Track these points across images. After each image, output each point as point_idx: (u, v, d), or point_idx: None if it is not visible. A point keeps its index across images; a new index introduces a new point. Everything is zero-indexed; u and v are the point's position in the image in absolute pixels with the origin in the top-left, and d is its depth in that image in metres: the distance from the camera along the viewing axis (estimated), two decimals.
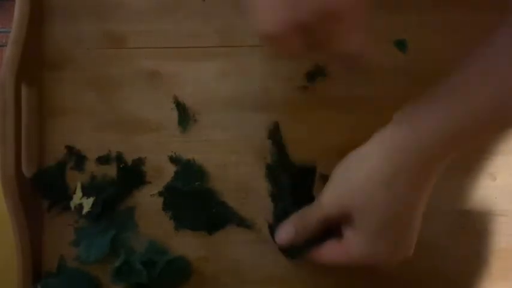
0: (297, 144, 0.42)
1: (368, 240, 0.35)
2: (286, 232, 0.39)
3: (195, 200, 0.42)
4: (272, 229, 0.41)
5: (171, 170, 0.43)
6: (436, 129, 0.33)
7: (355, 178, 0.35)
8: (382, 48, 0.42)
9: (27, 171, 0.42)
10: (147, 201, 0.43)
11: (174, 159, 0.43)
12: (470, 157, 0.42)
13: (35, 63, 0.43)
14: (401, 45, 0.42)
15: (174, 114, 0.43)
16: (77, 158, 0.43)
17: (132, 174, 0.43)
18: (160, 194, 0.43)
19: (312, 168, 0.42)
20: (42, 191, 0.43)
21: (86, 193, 0.43)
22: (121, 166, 0.43)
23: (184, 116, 0.43)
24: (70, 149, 0.43)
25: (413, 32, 0.42)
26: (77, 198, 0.43)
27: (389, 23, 0.42)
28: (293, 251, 0.40)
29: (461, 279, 0.42)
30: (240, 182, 0.43)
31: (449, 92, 0.34)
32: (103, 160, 0.43)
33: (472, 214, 0.42)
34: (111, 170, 0.43)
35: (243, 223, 0.42)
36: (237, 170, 0.43)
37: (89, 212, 0.42)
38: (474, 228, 0.42)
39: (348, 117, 0.42)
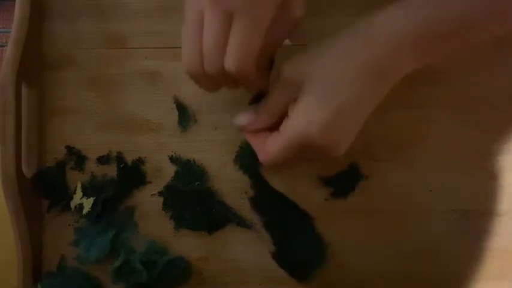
0: None
1: (304, 112, 0.34)
2: (246, 114, 0.38)
3: (195, 200, 0.42)
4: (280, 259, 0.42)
5: (171, 170, 0.43)
6: (424, 18, 0.32)
7: (315, 51, 0.35)
8: None
9: (27, 171, 0.42)
10: (147, 201, 0.43)
11: (174, 159, 0.43)
12: (470, 157, 0.42)
13: (35, 63, 0.43)
14: None
15: (174, 114, 0.43)
16: (77, 158, 0.43)
17: (132, 174, 0.43)
18: (160, 194, 0.43)
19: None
20: (42, 191, 0.43)
21: (86, 193, 0.43)
22: (121, 166, 0.43)
23: (184, 116, 0.43)
24: (70, 149, 0.43)
25: None
26: (77, 198, 0.43)
27: None
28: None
29: (461, 279, 0.42)
30: (240, 182, 0.43)
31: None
32: (103, 160, 0.43)
33: (472, 214, 0.42)
34: (111, 170, 0.43)
35: (243, 223, 0.42)
36: (237, 170, 0.43)
37: (89, 212, 0.42)
38: (474, 228, 0.42)
39: None
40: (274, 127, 0.37)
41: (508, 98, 0.41)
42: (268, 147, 0.36)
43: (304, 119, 0.34)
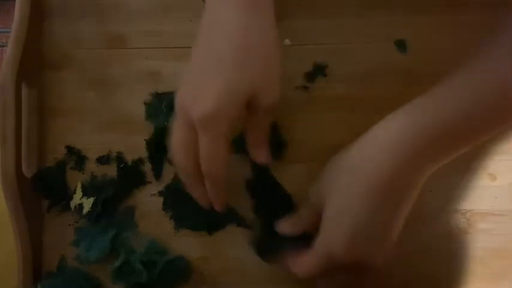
0: (296, 144, 0.42)
1: (326, 230, 0.35)
2: (287, 221, 0.40)
3: (195, 200, 0.42)
4: (257, 245, 0.42)
5: (171, 170, 0.43)
6: (425, 127, 0.32)
7: (332, 168, 0.37)
8: (382, 48, 0.42)
9: (27, 171, 0.42)
10: (147, 201, 0.43)
11: (172, 162, 0.43)
12: (470, 157, 0.42)
13: (35, 63, 0.43)
14: (401, 45, 0.42)
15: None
16: (77, 158, 0.43)
17: (132, 174, 0.43)
18: (160, 194, 0.43)
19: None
20: (42, 191, 0.43)
21: (86, 193, 0.43)
22: (121, 166, 0.43)
23: None
24: (70, 149, 0.43)
25: (413, 32, 0.42)
26: (77, 198, 0.43)
27: (389, 23, 0.42)
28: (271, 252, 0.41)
29: (461, 279, 0.42)
30: (240, 183, 0.43)
31: (441, 91, 0.34)
32: (103, 160, 0.43)
33: (472, 214, 0.42)
34: (111, 170, 0.43)
35: (243, 223, 0.42)
36: (237, 170, 0.43)
37: (89, 212, 0.42)
38: (474, 228, 0.42)
39: (348, 117, 0.42)
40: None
41: None
42: (304, 263, 0.37)
43: (326, 237, 0.36)
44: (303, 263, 0.37)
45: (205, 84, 0.34)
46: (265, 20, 0.34)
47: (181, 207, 0.43)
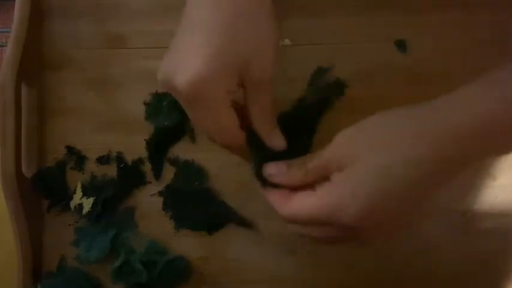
0: None
1: (353, 182, 0.31)
2: (277, 166, 0.35)
3: (195, 200, 0.42)
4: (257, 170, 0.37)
5: (171, 170, 0.43)
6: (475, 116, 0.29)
7: (375, 129, 0.32)
8: (382, 48, 0.42)
9: (27, 171, 0.42)
10: (147, 201, 0.43)
11: (173, 161, 0.43)
12: None
13: (35, 63, 0.43)
14: (401, 45, 0.42)
15: None
16: (77, 158, 0.43)
17: (132, 174, 0.43)
18: (160, 194, 0.43)
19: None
20: (42, 191, 0.43)
21: (86, 193, 0.43)
22: (121, 166, 0.43)
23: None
24: (70, 149, 0.43)
25: (413, 32, 0.42)
26: (77, 198, 0.43)
27: (389, 23, 0.42)
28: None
29: (461, 279, 0.42)
30: (240, 182, 0.43)
31: (491, 81, 0.30)
32: (103, 160, 0.43)
33: (472, 214, 0.42)
34: (111, 170, 0.43)
35: (243, 223, 0.42)
36: (237, 170, 0.43)
37: (89, 212, 0.42)
38: (474, 228, 0.42)
39: (348, 117, 0.42)
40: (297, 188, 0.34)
41: None
42: (296, 204, 0.33)
43: (348, 188, 0.31)
44: (301, 202, 0.32)
45: (190, 52, 0.30)
46: None
47: (181, 207, 0.43)
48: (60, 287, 0.41)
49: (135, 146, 0.43)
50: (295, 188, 0.34)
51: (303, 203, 0.32)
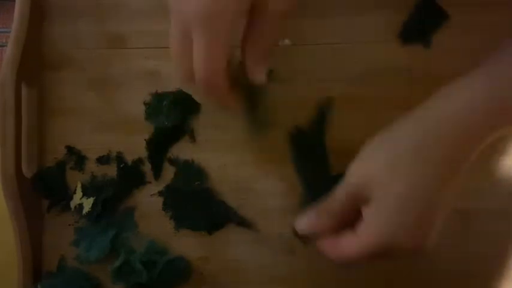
0: None
1: (385, 218, 0.32)
2: (308, 217, 0.36)
3: (195, 200, 0.42)
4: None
5: (171, 170, 0.43)
6: (475, 100, 0.30)
7: (384, 149, 0.33)
8: (382, 48, 0.42)
9: (27, 171, 0.42)
10: (147, 201, 0.43)
11: (172, 161, 0.43)
12: None
13: (35, 63, 0.43)
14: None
15: None
16: (77, 158, 0.43)
17: (132, 174, 0.43)
18: (160, 194, 0.43)
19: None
20: (42, 191, 0.43)
21: (86, 193, 0.43)
22: (121, 166, 0.43)
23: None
24: (70, 149, 0.43)
25: None
26: (77, 198, 0.43)
27: (389, 23, 0.42)
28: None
29: (461, 279, 0.42)
30: (240, 182, 0.43)
31: (494, 63, 0.31)
32: (103, 160, 0.43)
33: (472, 214, 0.42)
34: (111, 170, 0.43)
35: (243, 223, 0.42)
36: (237, 170, 0.43)
37: (89, 212, 0.42)
38: (474, 228, 0.42)
39: (348, 117, 0.42)
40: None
41: None
42: (345, 249, 0.33)
43: (387, 225, 0.32)
44: (349, 248, 0.33)
45: None
46: None
47: (181, 207, 0.43)
48: (60, 287, 0.41)
49: (135, 146, 0.43)
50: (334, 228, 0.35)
51: (352, 247, 0.33)
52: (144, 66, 0.43)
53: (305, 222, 0.36)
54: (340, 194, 0.34)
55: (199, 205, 0.42)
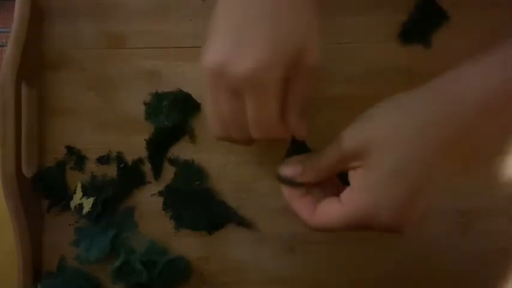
0: None
1: (373, 188, 0.30)
2: (292, 166, 0.35)
3: (195, 200, 0.42)
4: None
5: (171, 170, 0.43)
6: (485, 81, 0.28)
7: (385, 114, 0.31)
8: (382, 48, 0.42)
9: (27, 171, 0.42)
10: (147, 201, 0.43)
11: (173, 162, 0.43)
12: None
13: (35, 63, 0.43)
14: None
15: None
16: (76, 158, 0.43)
17: (132, 174, 0.43)
18: (160, 194, 0.43)
19: None
20: (42, 191, 0.43)
21: (86, 193, 0.43)
22: (121, 166, 0.43)
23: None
24: (70, 149, 0.43)
25: None
26: (77, 198, 0.43)
27: (389, 23, 0.42)
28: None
29: (461, 279, 0.42)
30: (240, 182, 0.43)
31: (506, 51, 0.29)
32: (103, 160, 0.43)
33: (472, 214, 0.42)
34: (111, 170, 0.43)
35: (243, 223, 0.42)
36: (237, 170, 0.43)
37: (89, 212, 0.42)
38: (474, 228, 0.42)
39: (348, 117, 0.42)
40: (314, 185, 0.34)
41: None
42: (323, 215, 0.33)
43: (372, 194, 0.30)
44: (328, 214, 0.32)
45: (250, 34, 0.29)
46: None
47: (181, 207, 0.43)
48: (60, 287, 0.41)
49: (135, 146, 0.43)
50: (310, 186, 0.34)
51: (330, 214, 0.32)
52: (144, 66, 0.43)
53: (290, 168, 0.35)
54: (332, 154, 0.33)
55: (199, 205, 0.42)
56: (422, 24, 0.42)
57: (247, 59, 0.29)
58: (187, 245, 0.43)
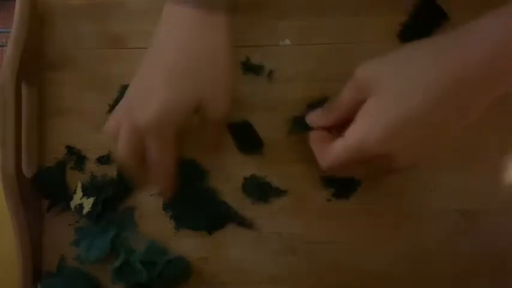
0: (295, 144, 0.42)
1: (372, 112, 0.32)
2: (317, 111, 0.38)
3: (195, 200, 0.42)
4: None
5: None
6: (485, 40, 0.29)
7: (400, 52, 0.32)
8: (382, 48, 0.42)
9: (27, 171, 0.42)
10: (147, 201, 0.43)
11: None
12: (470, 157, 0.42)
13: (35, 63, 0.43)
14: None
15: None
16: (77, 158, 0.43)
17: None
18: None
19: None
20: (42, 191, 0.43)
21: (86, 193, 0.43)
22: (121, 166, 0.43)
23: None
24: (70, 148, 0.43)
25: None
26: (78, 198, 0.43)
27: (389, 23, 0.42)
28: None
29: (461, 279, 0.42)
30: (240, 182, 0.43)
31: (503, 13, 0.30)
32: (103, 160, 0.43)
33: (472, 214, 0.42)
34: (111, 170, 0.43)
35: (243, 223, 0.42)
36: (237, 170, 0.43)
37: (89, 212, 0.42)
38: (474, 228, 0.42)
39: None
40: (340, 129, 0.35)
41: (509, 97, 0.41)
42: (329, 153, 0.35)
43: (366, 123, 0.32)
44: (332, 151, 0.34)
45: (151, 91, 0.35)
46: (219, 37, 0.35)
47: (181, 207, 0.43)
48: (60, 287, 0.41)
49: None
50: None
51: (335, 148, 0.34)
52: None
53: (315, 114, 0.38)
54: (346, 88, 0.35)
55: (199, 205, 0.42)
56: (422, 24, 0.42)
57: (143, 112, 0.34)
58: (187, 245, 0.43)
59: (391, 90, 0.31)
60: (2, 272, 0.44)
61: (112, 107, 0.43)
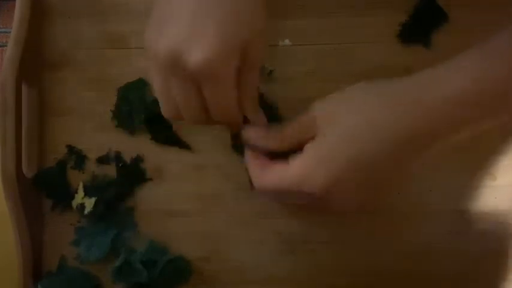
0: None
1: (320, 151, 0.31)
2: (256, 130, 0.36)
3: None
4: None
5: (171, 169, 0.43)
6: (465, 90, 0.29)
7: (350, 94, 0.33)
8: (382, 48, 0.42)
9: (27, 171, 0.42)
10: (147, 201, 0.43)
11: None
12: (470, 157, 0.42)
13: (35, 63, 0.43)
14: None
15: None
16: (77, 157, 0.43)
17: (132, 172, 0.43)
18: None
19: None
20: (43, 191, 0.43)
21: (87, 193, 0.43)
22: (120, 165, 0.43)
23: None
24: (70, 148, 0.43)
25: None
26: (79, 198, 0.43)
27: (389, 23, 0.42)
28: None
29: (461, 279, 0.42)
30: (240, 182, 0.43)
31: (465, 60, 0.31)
32: (103, 160, 0.43)
33: (472, 214, 0.42)
34: (112, 170, 0.43)
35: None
36: (237, 169, 0.43)
37: (90, 211, 0.42)
38: (474, 228, 0.42)
39: None
40: (274, 156, 0.35)
41: None
42: (270, 173, 0.34)
43: (316, 160, 0.32)
44: (270, 177, 0.34)
45: (204, 25, 0.30)
46: None
47: None
48: (60, 286, 0.41)
49: (135, 146, 0.43)
50: (273, 157, 0.35)
51: (274, 172, 0.33)
52: (144, 66, 0.43)
53: (254, 130, 0.36)
54: (297, 120, 0.34)
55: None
56: (422, 24, 0.42)
57: (199, 51, 0.30)
58: (187, 245, 0.43)
59: (337, 135, 0.31)
60: (2, 272, 0.44)
61: (114, 112, 0.43)
